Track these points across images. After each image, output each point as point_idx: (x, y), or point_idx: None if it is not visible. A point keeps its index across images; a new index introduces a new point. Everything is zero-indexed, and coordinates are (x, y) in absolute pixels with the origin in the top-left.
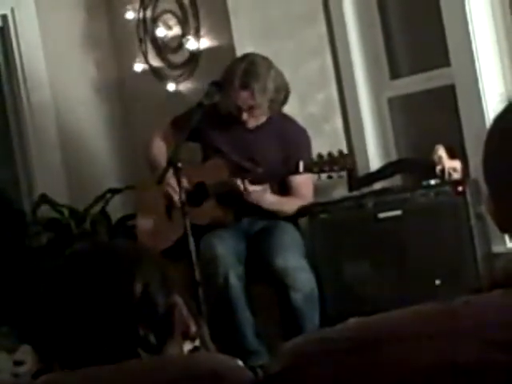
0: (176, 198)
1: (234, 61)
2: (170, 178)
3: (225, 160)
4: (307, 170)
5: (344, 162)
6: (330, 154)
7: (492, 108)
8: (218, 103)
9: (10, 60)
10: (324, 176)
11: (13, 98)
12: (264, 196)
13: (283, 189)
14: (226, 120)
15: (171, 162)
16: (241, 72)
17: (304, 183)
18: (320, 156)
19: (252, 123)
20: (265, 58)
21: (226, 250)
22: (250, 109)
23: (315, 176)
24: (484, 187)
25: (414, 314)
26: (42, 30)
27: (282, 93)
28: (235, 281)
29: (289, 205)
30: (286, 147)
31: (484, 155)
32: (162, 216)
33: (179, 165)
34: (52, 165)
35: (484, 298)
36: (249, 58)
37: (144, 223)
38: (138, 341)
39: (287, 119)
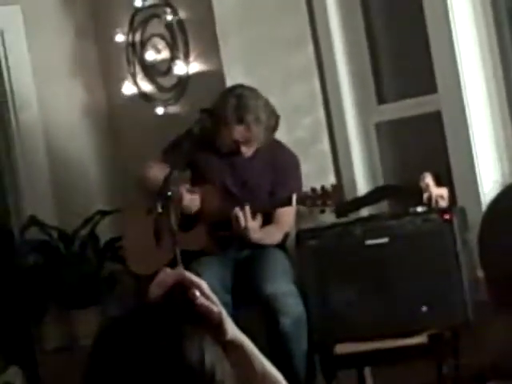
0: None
1: (222, 96)
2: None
3: (218, 187)
4: (300, 203)
5: (338, 196)
6: (323, 188)
7: (478, 135)
8: (211, 133)
9: None
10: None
11: (1, 119)
12: (255, 232)
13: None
14: (218, 148)
15: (161, 193)
16: (232, 108)
17: (286, 212)
18: (313, 190)
19: (248, 153)
20: (251, 89)
21: (212, 278)
22: (247, 141)
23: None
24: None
25: None
26: (32, 52)
27: (273, 119)
28: None
29: (271, 238)
30: (274, 172)
31: (479, 245)
32: (150, 240)
33: (169, 193)
34: (41, 187)
35: None
36: (236, 92)
37: (132, 246)
38: None
39: (278, 145)
